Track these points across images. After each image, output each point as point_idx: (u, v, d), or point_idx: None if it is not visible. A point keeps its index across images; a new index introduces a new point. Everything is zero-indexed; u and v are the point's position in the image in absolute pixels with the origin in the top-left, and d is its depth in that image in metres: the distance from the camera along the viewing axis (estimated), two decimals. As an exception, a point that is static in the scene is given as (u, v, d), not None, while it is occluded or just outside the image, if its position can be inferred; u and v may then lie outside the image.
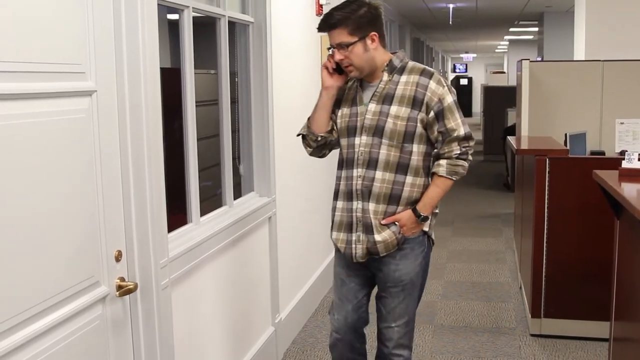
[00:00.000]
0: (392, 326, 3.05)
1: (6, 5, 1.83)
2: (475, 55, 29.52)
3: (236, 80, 3.92)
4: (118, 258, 2.41)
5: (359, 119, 2.89)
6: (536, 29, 14.02)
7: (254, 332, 3.88)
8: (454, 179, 2.88)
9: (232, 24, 3.69)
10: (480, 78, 32.04)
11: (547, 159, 4.44)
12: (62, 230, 2.08)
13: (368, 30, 2.81)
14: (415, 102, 2.82)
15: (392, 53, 2.93)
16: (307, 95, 4.97)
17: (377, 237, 2.87)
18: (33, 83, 1.96)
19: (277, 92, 4.16)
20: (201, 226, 3.21)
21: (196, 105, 3.19)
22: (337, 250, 3.03)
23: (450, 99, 2.84)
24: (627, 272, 3.18)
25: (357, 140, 2.88)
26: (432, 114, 2.82)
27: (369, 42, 2.81)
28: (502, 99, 13.20)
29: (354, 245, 2.93)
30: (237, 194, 3.87)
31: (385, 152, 2.84)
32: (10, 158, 1.85)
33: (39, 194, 1.97)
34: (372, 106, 2.86)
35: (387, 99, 2.85)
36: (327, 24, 2.83)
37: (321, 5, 5.27)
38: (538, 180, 4.46)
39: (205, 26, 3.54)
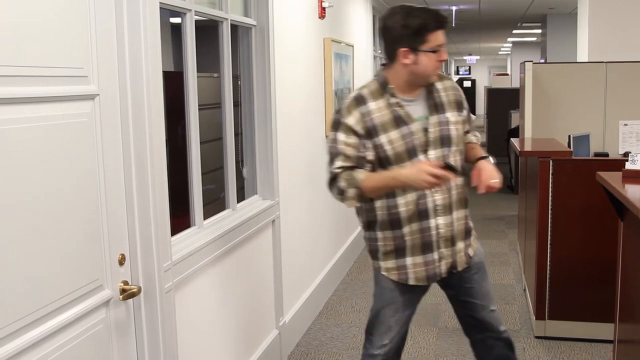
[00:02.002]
0: (494, 309, 3.09)
1: (8, 9, 1.83)
2: (478, 57, 29.50)
3: (239, 83, 3.93)
4: (121, 262, 2.41)
5: (415, 137, 2.73)
6: (539, 30, 14.01)
7: (258, 335, 3.88)
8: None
9: (234, 27, 3.70)
10: (483, 80, 32.02)
11: (551, 161, 4.43)
12: (65, 234, 2.08)
13: None
14: (459, 106, 2.88)
15: None
16: (310, 98, 4.98)
17: (462, 244, 2.90)
18: (36, 87, 1.96)
19: (280, 95, 4.16)
20: (204, 229, 3.21)
21: (200, 109, 3.19)
22: (400, 276, 2.88)
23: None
24: (632, 274, 3.17)
25: (422, 157, 2.73)
26: (465, 112, 2.93)
27: None
28: (505, 101, 13.19)
29: (437, 264, 2.84)
30: (241, 197, 3.87)
31: (455, 159, 2.82)
32: (13, 162, 1.85)
33: (41, 198, 1.97)
34: (434, 118, 2.78)
35: (441, 107, 2.82)
36: (446, 21, 2.75)
37: (324, 8, 5.28)
38: (542, 182, 4.45)
39: (208, 29, 3.55)
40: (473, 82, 30.38)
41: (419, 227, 2.79)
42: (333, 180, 2.72)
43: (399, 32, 2.67)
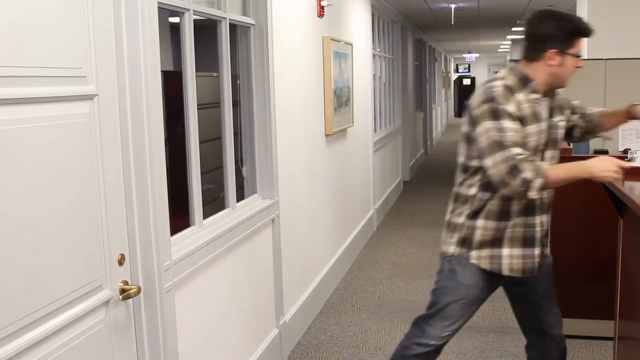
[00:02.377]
0: (558, 312, 3.14)
1: (7, 10, 1.83)
2: (477, 55, 29.47)
3: (238, 82, 3.92)
4: (121, 262, 2.41)
5: (542, 135, 2.82)
6: (538, 28, 13.99)
7: (258, 334, 3.88)
8: None
9: (233, 27, 3.69)
10: (483, 78, 31.99)
11: (550, 159, 4.43)
12: (65, 234, 2.08)
13: None
14: (562, 109, 2.96)
15: None
16: (309, 97, 4.98)
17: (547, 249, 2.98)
18: (34, 87, 1.96)
19: (279, 94, 4.16)
20: (204, 229, 3.21)
21: (199, 108, 3.19)
22: (493, 265, 2.90)
23: None
24: (631, 271, 3.17)
25: (538, 157, 2.83)
26: (567, 111, 3.03)
27: None
28: (505, 99, 13.15)
29: (535, 260, 2.89)
30: (240, 196, 3.87)
31: (556, 161, 2.93)
32: (12, 163, 1.85)
33: (41, 199, 1.97)
34: (551, 121, 2.88)
35: (556, 111, 2.92)
36: (593, 31, 2.84)
37: (322, 7, 5.28)
38: (541, 179, 4.44)
39: (207, 29, 3.55)
40: (472, 79, 30.42)
41: (524, 221, 2.85)
42: (514, 169, 2.65)
43: (551, 34, 2.75)
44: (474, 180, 2.86)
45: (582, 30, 2.78)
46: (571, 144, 5.32)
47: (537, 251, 2.88)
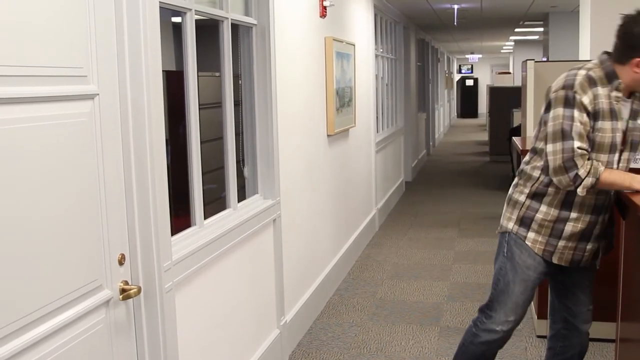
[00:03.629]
0: (590, 309, 3.25)
1: (8, 10, 1.83)
2: (480, 55, 29.46)
3: (240, 82, 3.92)
4: (121, 261, 2.41)
5: (618, 134, 2.85)
6: (541, 29, 14.00)
7: (259, 334, 3.87)
8: None
9: (235, 27, 3.69)
10: (486, 79, 31.99)
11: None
12: (65, 234, 2.08)
13: None
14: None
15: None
16: (311, 97, 4.97)
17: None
18: (35, 87, 1.96)
19: (281, 94, 4.16)
20: (205, 229, 3.21)
21: (202, 108, 3.19)
22: (545, 253, 3.01)
23: None
24: (633, 273, 3.16)
25: (615, 156, 2.88)
26: None
27: None
28: (507, 100, 13.20)
29: (585, 254, 3.04)
30: (242, 196, 3.86)
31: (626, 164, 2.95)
32: (13, 162, 1.85)
33: (41, 198, 1.96)
34: (632, 123, 2.91)
35: (637, 114, 2.93)
36: None
37: (325, 7, 5.27)
38: (543, 181, 4.43)
39: (210, 28, 3.54)
40: (475, 80, 30.39)
41: (588, 218, 2.93)
42: (570, 162, 2.75)
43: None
44: (539, 162, 2.95)
45: None
46: None
47: (589, 246, 2.99)
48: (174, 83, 3.66)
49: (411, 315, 5.10)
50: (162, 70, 2.64)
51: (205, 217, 3.28)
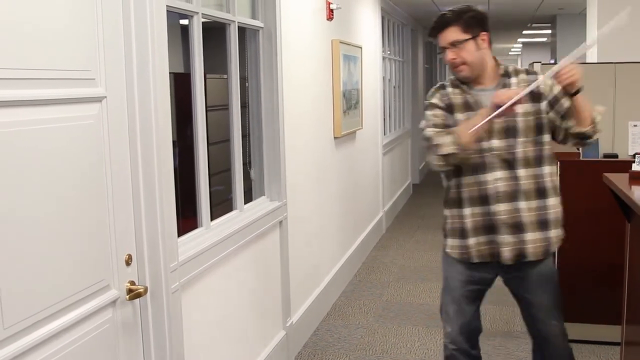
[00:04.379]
0: (555, 323, 3.10)
1: (18, 14, 1.86)
2: (488, 58, 29.40)
3: (247, 85, 3.94)
4: (128, 262, 2.43)
5: None
6: (549, 31, 13.97)
7: (265, 335, 3.89)
8: (593, 118, 2.98)
9: (242, 29, 3.71)
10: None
11: (558, 162, 4.43)
12: (73, 235, 2.11)
13: (478, 30, 2.88)
14: (534, 97, 2.87)
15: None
16: (318, 100, 5.00)
17: (536, 235, 2.92)
18: (45, 89, 1.99)
19: (288, 97, 4.18)
20: (211, 230, 3.23)
21: (211, 110, 3.21)
22: (463, 255, 3.01)
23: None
24: (638, 276, 3.17)
25: (485, 145, 2.87)
26: (544, 103, 2.90)
27: (480, 41, 2.88)
28: (515, 102, 13.14)
29: (502, 248, 2.94)
30: (249, 198, 3.88)
31: (521, 150, 2.86)
32: (23, 163, 1.87)
33: (50, 199, 1.99)
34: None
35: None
36: (440, 23, 2.90)
37: (332, 10, 5.29)
38: (549, 183, 4.44)
39: (218, 31, 3.57)
40: (483, 82, 30.30)
41: (482, 210, 2.91)
42: (427, 140, 2.93)
43: None
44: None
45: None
46: (579, 149, 5.32)
47: (507, 238, 2.88)
48: (182, 85, 3.68)
49: (417, 317, 5.11)
50: (170, 73, 2.66)
51: (213, 219, 3.31)
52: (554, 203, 2.94)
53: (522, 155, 2.86)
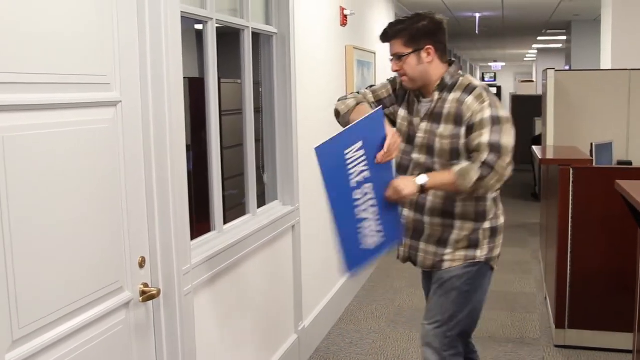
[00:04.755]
0: (426, 324, 3.06)
1: (37, 21, 1.89)
2: (503, 64, 29.35)
3: (260, 90, 3.97)
4: (142, 264, 2.46)
5: (405, 125, 2.98)
6: (564, 37, 13.95)
7: (277, 339, 3.91)
8: (458, 181, 2.70)
9: (256, 35, 3.74)
10: (509, 87, 31.83)
11: (571, 169, 4.43)
12: (88, 236, 2.14)
13: (423, 43, 2.83)
14: (457, 120, 2.80)
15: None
16: (331, 105, 5.00)
17: (430, 248, 2.98)
18: (62, 94, 2.02)
19: (301, 102, 4.20)
20: (224, 234, 3.26)
21: (225, 114, 3.23)
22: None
23: (487, 114, 2.74)
24: (650, 283, 3.16)
25: (412, 153, 2.93)
26: (464, 128, 2.78)
27: (423, 55, 2.83)
28: (530, 108, 13.14)
29: (420, 253, 3.04)
30: (262, 202, 3.91)
31: (438, 169, 2.84)
32: (40, 166, 1.91)
33: (66, 201, 2.02)
34: (424, 125, 2.89)
35: (437, 118, 2.86)
36: (384, 35, 2.91)
37: (345, 16, 5.32)
38: (562, 190, 4.45)
39: (233, 36, 3.60)
40: (498, 88, 30.22)
41: (407, 213, 3.00)
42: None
43: None
44: None
45: None
46: (594, 153, 5.32)
47: (422, 245, 2.98)
48: (196, 90, 3.71)
49: (429, 323, 5.10)
50: (185, 78, 2.69)
51: (226, 223, 3.33)
52: (461, 226, 2.89)
53: (417, 169, 2.89)
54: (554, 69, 6.25)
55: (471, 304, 2.95)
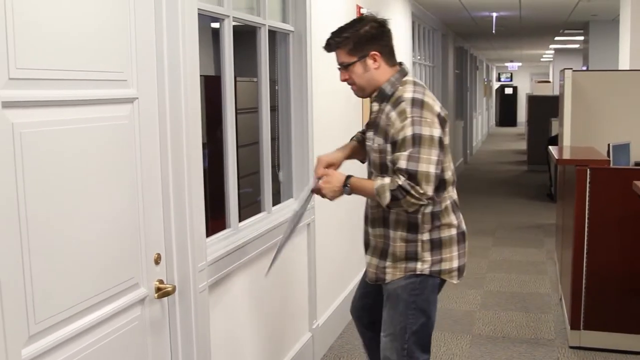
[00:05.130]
0: (384, 336, 2.95)
1: (54, 17, 1.90)
2: (520, 64, 29.22)
3: (276, 88, 3.98)
4: (157, 261, 2.47)
5: (363, 131, 3.03)
6: (582, 38, 13.86)
7: (291, 337, 3.91)
8: (376, 196, 2.69)
9: (272, 33, 3.75)
10: (525, 87, 31.70)
11: (588, 170, 4.40)
12: (104, 232, 2.15)
13: (368, 50, 2.76)
14: (385, 134, 2.75)
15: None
16: (347, 103, 5.01)
17: (374, 260, 2.95)
18: (79, 90, 2.03)
19: (317, 100, 4.20)
20: (239, 231, 3.26)
21: (241, 112, 3.23)
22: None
23: (408, 132, 2.63)
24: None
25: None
26: (390, 144, 2.73)
27: (369, 61, 2.77)
28: (546, 109, 13.08)
29: (370, 268, 3.00)
30: (277, 200, 3.91)
31: None
32: (56, 162, 1.92)
33: (82, 197, 2.03)
34: (370, 135, 2.88)
35: (375, 129, 2.82)
36: (327, 45, 2.84)
37: (362, 14, 5.30)
38: (579, 190, 4.42)
39: (249, 34, 3.60)
40: (514, 89, 30.15)
41: (364, 225, 3.03)
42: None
43: None
44: None
45: None
46: (611, 154, 5.28)
47: (368, 259, 2.97)
48: (212, 88, 3.72)
49: (443, 323, 5.10)
50: (200, 75, 2.70)
51: (241, 220, 3.34)
52: (394, 236, 2.83)
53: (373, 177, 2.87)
54: (571, 69, 6.21)
55: (422, 315, 2.84)
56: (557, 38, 15.30)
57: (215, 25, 6.28)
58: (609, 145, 5.40)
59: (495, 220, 8.95)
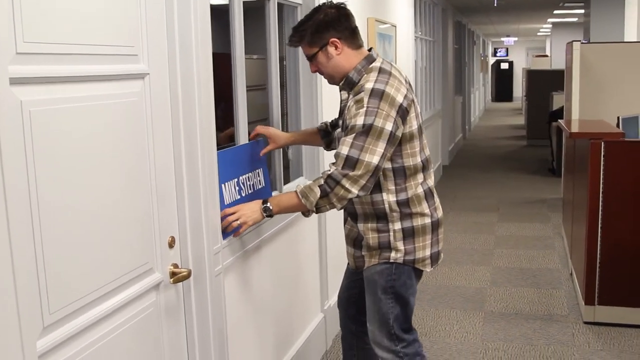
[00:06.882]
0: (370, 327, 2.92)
1: (61, -14, 1.79)
2: (516, 39, 29.05)
3: (285, 64, 3.87)
4: (171, 244, 2.37)
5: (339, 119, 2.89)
6: (581, 11, 13.71)
7: (304, 318, 3.84)
8: (303, 201, 2.61)
9: (280, 6, 3.63)
10: (521, 62, 31.55)
11: (603, 143, 4.31)
12: (116, 216, 2.04)
13: (327, 37, 2.68)
14: (344, 122, 2.70)
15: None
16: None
17: (351, 250, 2.92)
18: (88, 65, 1.92)
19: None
20: (252, 212, 3.16)
21: (251, 90, 3.14)
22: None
23: (360, 121, 2.54)
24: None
25: None
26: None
27: (330, 49, 2.69)
28: (545, 83, 13.00)
29: (349, 257, 2.99)
30: (286, 179, 3.82)
31: None
32: (67, 141, 1.81)
33: (94, 179, 1.93)
34: (340, 122, 2.82)
35: (344, 117, 2.76)
36: (290, 41, 2.78)
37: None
38: (592, 164, 4.33)
39: (252, 11, 3.48)
40: (510, 64, 29.98)
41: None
42: None
43: None
44: None
45: None
46: (621, 127, 5.19)
47: (348, 249, 2.93)
48: (217, 65, 3.61)
49: (454, 300, 5.03)
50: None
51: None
52: (365, 227, 2.77)
53: None
54: (579, 41, 6.10)
55: (400, 299, 2.78)
56: (556, 11, 15.16)
57: (213, 2, 6.16)
58: (618, 118, 5.30)
59: (497, 195, 8.86)
